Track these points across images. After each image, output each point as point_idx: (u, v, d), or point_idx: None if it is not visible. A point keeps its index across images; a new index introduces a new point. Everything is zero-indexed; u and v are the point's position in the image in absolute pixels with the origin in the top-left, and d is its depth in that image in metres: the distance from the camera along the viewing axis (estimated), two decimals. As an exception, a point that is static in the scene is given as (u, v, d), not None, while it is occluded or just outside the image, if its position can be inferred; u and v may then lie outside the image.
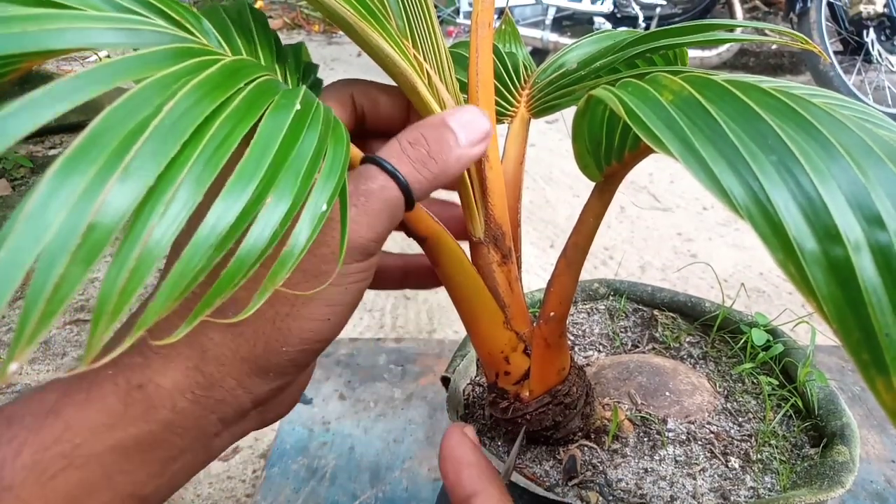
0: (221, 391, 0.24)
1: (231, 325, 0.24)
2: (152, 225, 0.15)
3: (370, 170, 0.25)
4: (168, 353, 0.24)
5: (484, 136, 0.28)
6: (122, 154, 0.15)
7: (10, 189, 1.90)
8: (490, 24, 0.31)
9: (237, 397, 0.25)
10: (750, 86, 0.18)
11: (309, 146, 0.20)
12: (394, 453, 0.66)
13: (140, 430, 0.23)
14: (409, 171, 0.26)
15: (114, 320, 0.14)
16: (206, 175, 0.16)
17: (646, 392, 0.39)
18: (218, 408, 0.24)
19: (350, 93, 0.31)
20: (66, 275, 0.13)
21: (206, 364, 0.24)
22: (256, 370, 0.25)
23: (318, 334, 0.25)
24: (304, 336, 0.25)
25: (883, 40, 2.41)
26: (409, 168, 0.26)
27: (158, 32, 0.20)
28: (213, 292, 0.16)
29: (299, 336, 0.25)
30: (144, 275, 0.15)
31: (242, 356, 0.24)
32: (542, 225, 1.35)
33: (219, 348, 0.24)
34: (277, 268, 0.18)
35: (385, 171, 0.25)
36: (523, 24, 2.83)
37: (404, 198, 0.25)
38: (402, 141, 0.26)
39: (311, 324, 0.25)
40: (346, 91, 0.31)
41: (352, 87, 0.31)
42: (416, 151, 0.26)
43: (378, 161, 0.26)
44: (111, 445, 0.22)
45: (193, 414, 0.24)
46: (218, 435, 0.26)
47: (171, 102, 0.16)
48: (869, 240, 0.14)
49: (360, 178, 0.25)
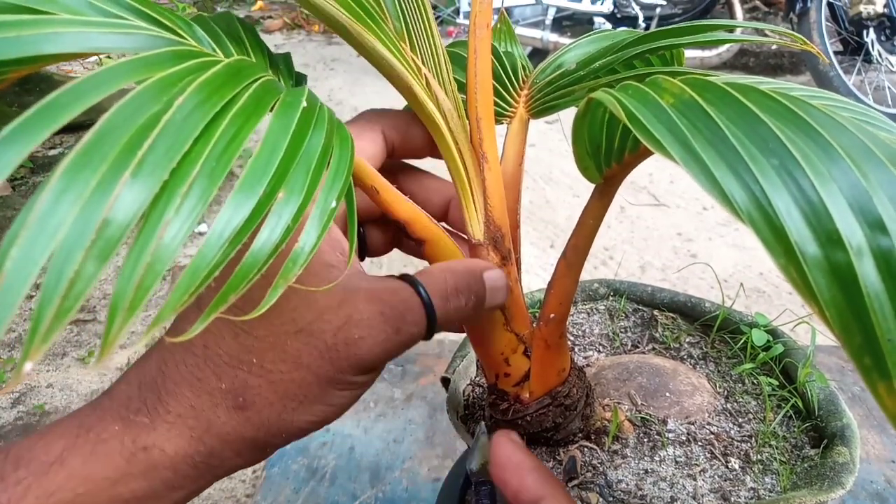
0: (219, 459, 0.26)
1: (240, 409, 0.25)
2: (167, 220, 0.15)
3: (411, 298, 0.26)
4: (175, 420, 0.24)
5: (501, 301, 0.30)
6: (134, 150, 0.15)
7: (10, 189, 1.89)
8: (488, 25, 0.31)
9: (234, 465, 0.26)
10: (750, 88, 0.18)
11: (317, 143, 0.20)
12: (394, 453, 0.66)
13: (140, 486, 0.24)
14: (442, 311, 0.27)
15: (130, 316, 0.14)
16: (220, 170, 0.16)
17: (646, 393, 0.39)
18: (215, 472, 0.26)
19: (381, 129, 0.31)
20: (81, 271, 0.13)
21: (210, 437, 0.25)
22: (254, 447, 0.26)
23: (316, 426, 0.27)
24: (304, 427, 0.26)
25: (883, 40, 2.40)
26: (444, 310, 0.27)
27: (154, 37, 0.20)
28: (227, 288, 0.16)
29: (299, 427, 0.26)
30: (161, 270, 0.14)
31: (245, 436, 0.25)
32: (542, 225, 1.35)
33: (224, 427, 0.25)
34: (289, 265, 0.18)
35: (423, 304, 0.26)
36: (523, 24, 2.83)
37: (427, 333, 0.27)
38: (450, 284, 0.27)
39: (312, 418, 0.26)
40: (377, 127, 0.31)
41: (381, 121, 0.32)
42: (457, 301, 0.27)
43: (419, 290, 0.27)
44: (111, 497, 0.23)
45: (192, 475, 0.25)
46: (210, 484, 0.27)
47: (181, 99, 0.16)
48: (871, 244, 0.14)
49: (397, 302, 0.26)
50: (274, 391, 0.25)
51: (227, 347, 0.25)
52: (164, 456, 0.24)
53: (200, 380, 0.25)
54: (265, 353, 0.25)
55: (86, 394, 1.20)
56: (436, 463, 0.65)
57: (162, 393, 0.25)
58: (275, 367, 0.25)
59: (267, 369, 0.25)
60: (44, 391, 1.20)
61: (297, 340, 0.25)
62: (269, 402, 0.25)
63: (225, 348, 0.25)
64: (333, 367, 0.25)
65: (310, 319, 0.25)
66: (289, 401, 0.25)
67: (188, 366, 0.25)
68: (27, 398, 1.18)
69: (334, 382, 0.26)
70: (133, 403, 0.25)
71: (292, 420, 0.26)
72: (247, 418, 0.25)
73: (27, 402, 1.17)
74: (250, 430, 0.25)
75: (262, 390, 0.25)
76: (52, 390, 1.20)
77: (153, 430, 0.24)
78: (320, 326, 0.25)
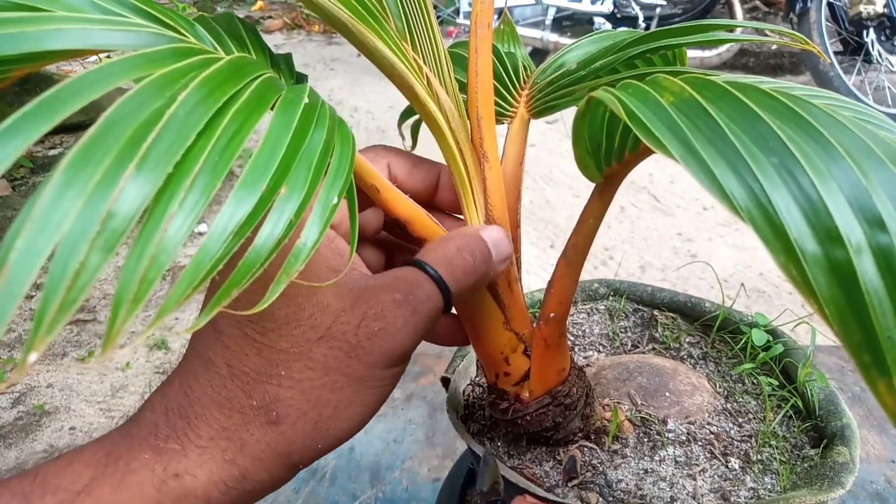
0: (252, 483, 0.25)
1: (273, 423, 0.25)
2: (171, 213, 0.15)
3: (417, 277, 0.26)
4: (207, 444, 0.24)
5: (507, 257, 0.30)
6: (138, 144, 0.15)
7: (10, 189, 1.90)
8: (489, 25, 0.31)
9: (263, 488, 0.26)
10: (750, 87, 0.18)
11: (318, 140, 0.20)
12: (394, 453, 0.66)
13: None
14: (453, 280, 0.27)
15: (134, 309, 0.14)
16: (222, 165, 0.16)
17: (646, 392, 0.39)
18: (245, 498, 0.25)
19: (387, 161, 0.32)
20: (86, 263, 0.13)
21: (244, 458, 0.24)
22: (288, 464, 0.26)
23: (350, 432, 0.26)
24: (340, 435, 0.26)
25: (883, 40, 2.40)
26: (454, 277, 0.27)
27: (156, 34, 0.20)
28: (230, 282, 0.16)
29: (336, 435, 0.26)
30: (164, 263, 0.14)
31: (279, 452, 0.25)
32: (542, 225, 1.35)
33: (258, 444, 0.25)
34: (291, 260, 0.18)
35: (430, 279, 0.26)
36: (523, 24, 2.83)
37: (444, 304, 0.26)
38: (451, 248, 0.27)
39: (348, 423, 0.26)
40: (382, 159, 0.31)
41: (388, 155, 0.32)
42: (463, 261, 0.27)
43: (424, 267, 0.26)
44: None
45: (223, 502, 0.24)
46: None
47: (184, 94, 0.17)
48: (870, 242, 0.14)
49: (406, 285, 0.26)
50: (306, 400, 0.25)
51: (253, 364, 0.25)
52: (196, 482, 0.24)
53: (230, 399, 0.25)
54: (292, 364, 0.25)
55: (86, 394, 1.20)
56: (436, 463, 0.65)
57: (191, 417, 0.24)
58: (304, 376, 0.25)
59: (297, 379, 0.25)
60: (44, 391, 1.20)
61: (322, 346, 0.25)
62: (303, 412, 0.25)
63: (250, 365, 0.25)
64: (362, 364, 0.25)
65: (328, 324, 0.25)
66: (323, 408, 0.25)
67: (215, 387, 0.25)
68: (27, 398, 1.18)
69: (366, 380, 0.25)
70: (161, 430, 0.24)
71: (328, 428, 0.25)
72: (281, 432, 0.25)
73: (27, 402, 1.17)
74: (284, 444, 0.25)
75: (295, 401, 0.25)
76: (52, 390, 1.20)
77: (185, 456, 0.24)
78: (340, 329, 0.25)
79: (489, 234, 0.29)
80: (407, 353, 0.26)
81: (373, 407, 0.27)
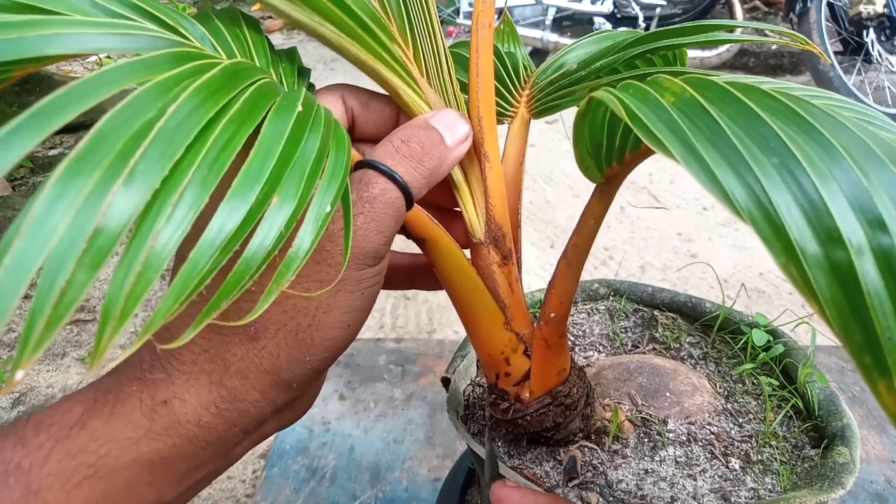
0: (245, 403, 0.25)
1: (253, 339, 0.24)
2: (158, 228, 0.15)
3: (368, 174, 0.26)
4: (191, 369, 0.24)
5: (465, 136, 0.29)
6: (127, 157, 0.15)
7: (10, 189, 1.90)
8: (491, 25, 0.31)
9: (260, 408, 0.25)
10: (750, 87, 0.18)
11: (312, 148, 0.20)
12: (394, 453, 0.66)
13: (164, 444, 0.23)
14: (405, 170, 0.26)
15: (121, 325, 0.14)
16: (211, 178, 0.16)
17: (646, 393, 0.39)
18: (240, 419, 0.25)
19: (341, 94, 0.31)
20: (73, 280, 0.13)
21: (230, 378, 0.24)
22: (280, 382, 0.25)
23: (339, 341, 0.26)
24: (327, 344, 0.25)
25: (883, 40, 2.40)
26: (405, 168, 0.26)
27: (155, 37, 0.20)
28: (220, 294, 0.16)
29: (322, 345, 0.25)
30: (151, 278, 0.14)
31: (265, 369, 0.24)
32: (543, 225, 1.35)
33: (241, 362, 0.24)
34: (283, 270, 0.18)
35: (383, 174, 0.26)
36: (523, 24, 2.83)
37: (404, 198, 0.26)
38: (395, 141, 0.27)
39: (332, 332, 0.25)
40: (336, 93, 0.31)
41: (342, 89, 0.31)
42: (409, 150, 0.27)
43: (374, 164, 0.26)
44: (135, 458, 0.23)
45: (217, 427, 0.24)
46: (238, 444, 0.26)
47: (174, 105, 0.16)
48: (871, 242, 0.14)
49: (359, 184, 0.26)
50: (282, 311, 0.24)
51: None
52: (186, 406, 0.23)
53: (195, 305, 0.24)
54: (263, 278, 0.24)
55: (86, 394, 1.20)
56: (436, 463, 0.65)
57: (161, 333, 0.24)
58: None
59: None
60: (44, 391, 1.20)
61: None
62: (281, 323, 0.24)
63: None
64: (331, 267, 0.25)
65: None
66: (301, 317, 0.24)
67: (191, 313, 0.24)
68: (27, 398, 1.18)
69: (340, 284, 0.25)
70: (146, 363, 0.24)
71: (311, 337, 0.25)
72: (262, 347, 0.24)
73: (27, 402, 1.17)
74: (268, 359, 0.24)
75: (270, 313, 0.24)
76: (52, 390, 1.20)
77: (171, 383, 0.24)
78: None
79: (439, 117, 0.28)
80: (376, 253, 0.26)
81: (356, 314, 0.26)
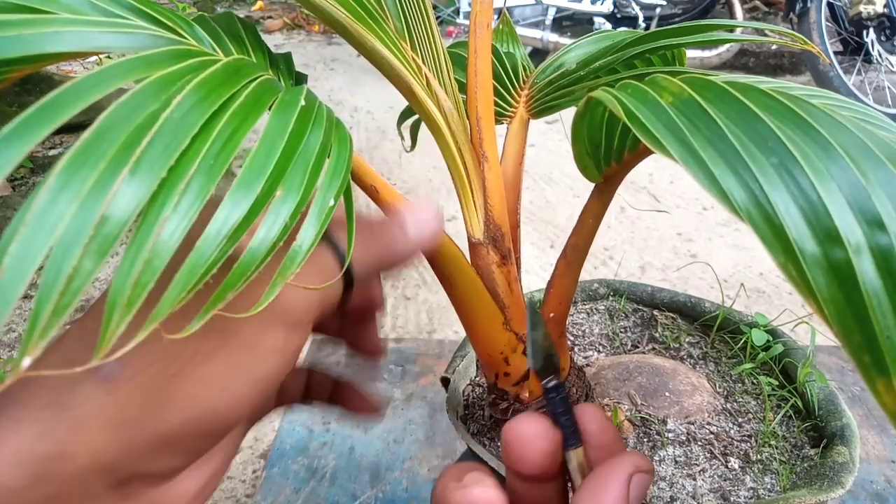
0: (72, 465, 0.18)
1: (106, 380, 0.19)
2: (165, 217, 0.15)
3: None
4: (21, 414, 0.18)
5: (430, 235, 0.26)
6: (133, 147, 0.15)
7: (10, 189, 1.89)
8: (489, 25, 0.31)
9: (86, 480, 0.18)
10: (749, 87, 0.18)
11: (315, 142, 0.20)
12: (394, 453, 0.66)
13: None
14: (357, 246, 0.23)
15: (128, 313, 0.14)
16: (217, 168, 0.16)
17: (645, 392, 0.39)
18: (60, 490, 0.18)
19: None
20: (80, 267, 0.13)
21: (61, 427, 0.18)
22: (120, 441, 0.18)
23: (207, 408, 0.19)
24: (189, 403, 0.19)
25: (883, 40, 2.40)
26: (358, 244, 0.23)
27: (155, 36, 0.20)
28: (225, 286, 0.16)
29: (184, 402, 0.19)
30: (158, 267, 0.14)
31: (107, 419, 0.18)
32: (542, 225, 1.35)
33: (81, 407, 0.18)
34: (287, 263, 0.18)
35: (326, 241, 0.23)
36: (523, 24, 2.83)
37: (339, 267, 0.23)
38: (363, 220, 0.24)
39: (200, 390, 0.19)
40: None
41: None
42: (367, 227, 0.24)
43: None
44: None
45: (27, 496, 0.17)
46: None
47: (179, 97, 0.17)
48: (869, 242, 0.14)
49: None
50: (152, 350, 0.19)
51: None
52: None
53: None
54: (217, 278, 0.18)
55: (86, 394, 1.20)
56: (436, 463, 0.65)
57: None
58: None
59: None
60: (44, 391, 1.20)
61: None
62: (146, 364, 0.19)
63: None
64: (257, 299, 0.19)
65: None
66: (172, 361, 0.19)
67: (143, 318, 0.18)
68: (27, 398, 1.18)
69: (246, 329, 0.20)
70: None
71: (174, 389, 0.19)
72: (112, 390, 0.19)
73: (27, 402, 1.17)
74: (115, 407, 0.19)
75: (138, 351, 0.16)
76: (52, 390, 1.20)
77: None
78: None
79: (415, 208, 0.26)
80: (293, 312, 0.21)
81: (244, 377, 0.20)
